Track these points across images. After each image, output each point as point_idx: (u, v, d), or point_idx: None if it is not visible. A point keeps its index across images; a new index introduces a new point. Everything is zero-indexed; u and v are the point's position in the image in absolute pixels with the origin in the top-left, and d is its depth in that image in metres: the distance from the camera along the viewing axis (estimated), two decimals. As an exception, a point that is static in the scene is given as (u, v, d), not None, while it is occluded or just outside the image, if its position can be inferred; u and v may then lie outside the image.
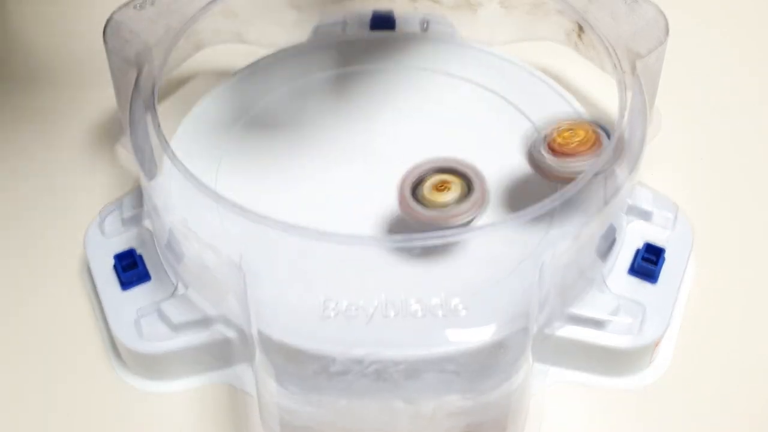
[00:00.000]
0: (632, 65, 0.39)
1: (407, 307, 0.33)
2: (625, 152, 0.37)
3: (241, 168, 0.41)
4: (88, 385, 0.38)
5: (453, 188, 0.35)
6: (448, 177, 0.35)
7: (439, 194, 0.35)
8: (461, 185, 0.35)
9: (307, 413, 0.33)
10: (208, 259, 0.35)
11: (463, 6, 0.47)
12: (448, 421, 0.33)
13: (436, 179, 0.35)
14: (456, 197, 0.35)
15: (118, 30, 0.41)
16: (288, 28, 0.48)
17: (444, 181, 0.35)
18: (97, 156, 0.46)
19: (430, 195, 0.35)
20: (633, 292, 0.38)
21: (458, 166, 0.35)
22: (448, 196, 0.34)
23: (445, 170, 0.35)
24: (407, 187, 0.35)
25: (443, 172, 0.35)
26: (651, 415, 0.37)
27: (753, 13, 0.54)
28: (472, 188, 0.35)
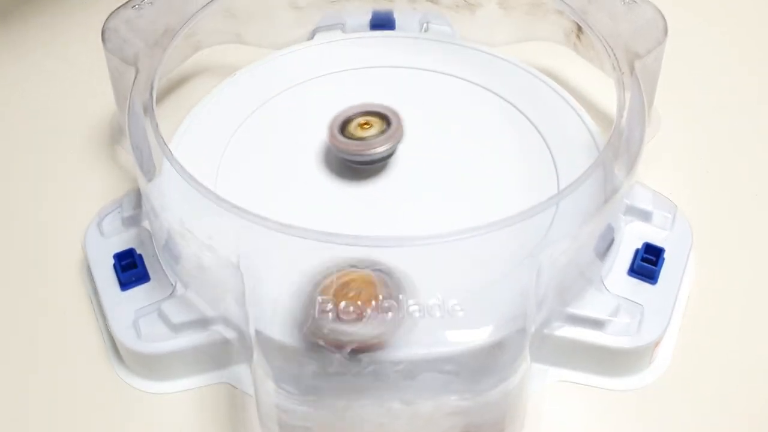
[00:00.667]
0: (631, 65, 0.39)
1: (405, 307, 0.33)
2: (623, 152, 0.37)
3: (240, 168, 0.41)
4: (88, 384, 0.38)
5: (374, 126, 0.41)
6: (370, 118, 0.41)
7: (362, 130, 0.40)
8: (381, 124, 0.41)
9: (304, 413, 0.33)
10: (206, 259, 0.35)
11: (462, 6, 0.47)
12: (447, 422, 0.33)
13: (360, 119, 0.41)
14: (376, 133, 0.40)
15: (116, 30, 0.41)
16: (288, 28, 0.48)
17: (367, 121, 0.41)
18: (97, 156, 0.46)
19: (355, 131, 0.40)
20: (632, 293, 0.38)
21: (380, 109, 0.41)
22: (369, 132, 0.40)
23: (369, 113, 0.41)
24: (336, 124, 0.41)
25: (367, 114, 0.41)
26: (651, 416, 0.37)
27: (752, 12, 0.54)
28: (390, 125, 0.40)
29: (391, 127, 0.40)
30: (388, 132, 0.40)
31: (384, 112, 0.41)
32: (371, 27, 0.48)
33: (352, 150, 0.40)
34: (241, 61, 0.46)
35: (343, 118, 0.41)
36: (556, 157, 0.41)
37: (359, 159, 0.40)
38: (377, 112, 0.41)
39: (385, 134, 0.40)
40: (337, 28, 0.48)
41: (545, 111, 0.43)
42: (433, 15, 0.48)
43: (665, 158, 0.45)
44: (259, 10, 0.47)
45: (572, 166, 0.40)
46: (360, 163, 0.41)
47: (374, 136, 0.40)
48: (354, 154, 0.40)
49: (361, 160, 0.40)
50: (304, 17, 0.48)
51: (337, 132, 0.40)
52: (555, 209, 0.37)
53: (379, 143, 0.40)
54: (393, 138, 0.40)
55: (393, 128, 0.40)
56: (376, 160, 0.41)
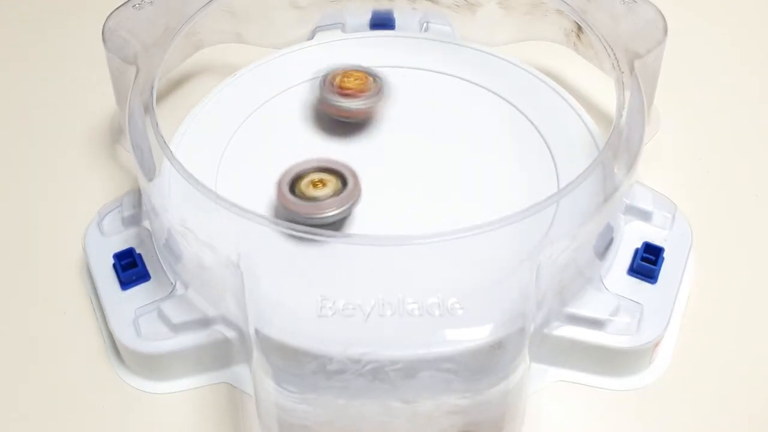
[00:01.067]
0: (630, 65, 0.39)
1: (404, 306, 0.33)
2: (623, 151, 0.37)
3: (240, 168, 0.41)
4: (88, 384, 0.38)
5: (328, 185, 0.38)
6: (324, 175, 0.38)
7: (314, 189, 0.38)
8: (336, 182, 0.38)
9: (304, 412, 0.33)
10: (207, 258, 0.35)
11: (462, 6, 0.47)
12: (446, 420, 0.33)
13: (313, 177, 0.38)
14: (330, 193, 0.37)
15: (117, 30, 0.41)
16: (288, 27, 0.48)
17: (321, 179, 0.38)
18: (97, 155, 0.46)
19: (306, 189, 0.38)
20: (632, 292, 0.38)
21: (334, 166, 0.39)
22: (322, 192, 0.37)
23: (322, 169, 0.38)
24: (285, 182, 0.38)
25: (321, 171, 0.38)
26: (651, 416, 0.37)
27: (752, 12, 0.54)
28: (346, 185, 0.38)
29: (347, 188, 0.38)
30: (343, 194, 0.38)
31: (337, 168, 0.39)
32: (371, 27, 0.48)
33: (302, 211, 0.37)
34: (241, 61, 0.46)
35: (293, 174, 0.38)
36: (556, 156, 0.41)
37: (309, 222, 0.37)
38: (330, 168, 0.39)
39: (340, 196, 0.38)
40: (337, 28, 0.48)
41: (545, 111, 0.43)
42: (433, 15, 0.48)
43: (665, 158, 0.45)
44: (259, 10, 0.47)
45: (572, 165, 0.40)
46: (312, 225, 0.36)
47: (327, 197, 0.37)
48: (304, 216, 0.37)
49: (312, 223, 0.37)
50: (304, 17, 0.48)
51: (287, 189, 0.38)
52: (555, 208, 0.37)
53: (331, 205, 0.37)
54: (347, 199, 0.38)
55: (348, 189, 0.38)
56: (327, 224, 0.37)
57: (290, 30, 0.48)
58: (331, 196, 0.37)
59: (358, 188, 0.38)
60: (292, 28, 0.48)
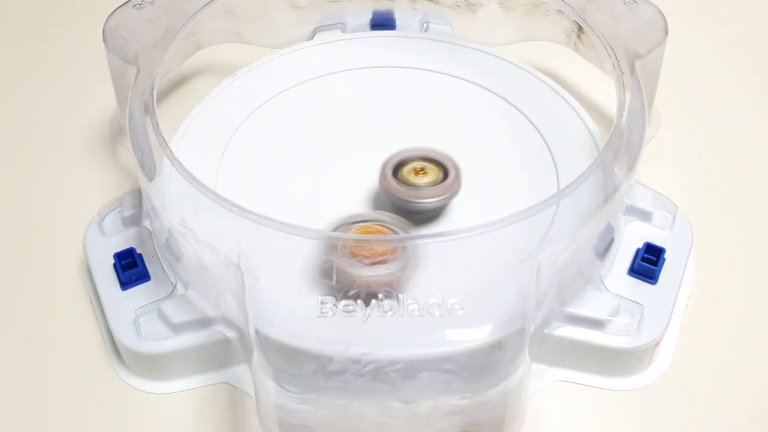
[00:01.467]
0: (631, 65, 0.39)
1: (404, 306, 0.33)
2: (623, 152, 0.37)
3: (240, 168, 0.41)
4: (88, 384, 0.38)
5: (429, 174, 0.39)
6: (427, 164, 0.39)
7: (416, 177, 0.38)
8: (437, 172, 0.39)
9: (304, 412, 0.33)
10: (207, 258, 0.35)
11: (462, 6, 0.47)
12: (446, 421, 0.33)
13: (416, 164, 0.39)
14: (430, 182, 0.38)
15: (117, 30, 0.41)
16: (288, 27, 0.48)
17: (423, 167, 0.39)
18: (98, 155, 0.46)
19: (408, 176, 0.39)
20: (632, 293, 0.38)
21: (438, 156, 0.39)
22: (424, 180, 0.38)
23: (426, 158, 0.39)
24: (390, 166, 0.39)
25: (425, 159, 0.39)
26: (651, 416, 0.37)
27: (752, 12, 0.54)
28: (448, 176, 0.39)
29: (448, 179, 0.39)
30: (443, 184, 0.38)
31: (441, 159, 0.39)
32: (371, 27, 0.48)
33: (403, 194, 0.38)
34: (241, 61, 0.46)
35: (398, 159, 0.39)
36: (556, 157, 0.41)
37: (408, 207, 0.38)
38: (434, 158, 0.39)
39: (441, 186, 0.38)
40: (337, 28, 0.48)
41: (545, 111, 0.43)
42: (433, 15, 0.48)
43: (665, 158, 0.45)
44: (259, 10, 0.47)
45: (572, 165, 0.40)
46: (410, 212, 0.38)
47: (428, 185, 0.38)
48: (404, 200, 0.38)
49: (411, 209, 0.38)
50: (304, 17, 0.48)
51: (390, 173, 0.39)
52: (555, 209, 0.37)
53: (430, 194, 0.38)
54: (446, 191, 0.38)
55: (448, 181, 0.38)
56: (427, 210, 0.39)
57: (290, 30, 0.48)
58: (431, 185, 0.38)
59: (458, 181, 0.39)
60: (292, 28, 0.48)
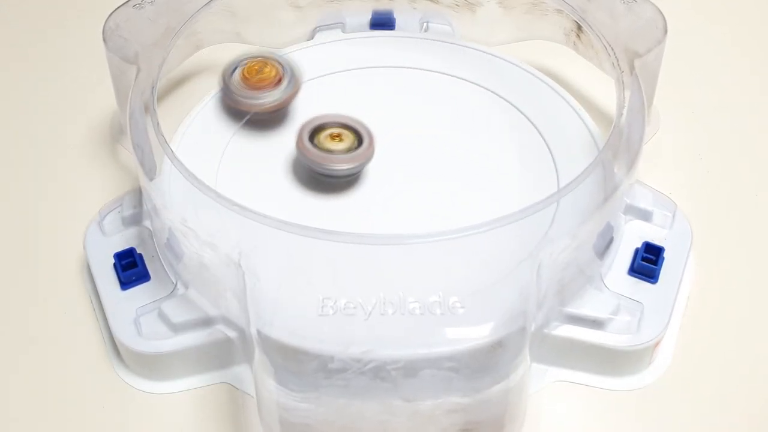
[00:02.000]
0: (630, 64, 0.39)
1: (405, 305, 0.33)
2: (623, 151, 0.37)
3: (241, 167, 0.41)
4: (88, 384, 0.38)
5: (345, 140, 0.40)
6: (342, 130, 0.40)
7: (331, 142, 0.40)
8: (353, 139, 0.40)
9: (305, 411, 0.33)
10: (208, 257, 0.35)
11: (462, 6, 0.47)
12: (447, 419, 0.33)
13: (333, 130, 0.40)
14: (345, 148, 0.40)
15: (117, 29, 0.41)
16: (288, 28, 0.48)
17: (339, 133, 0.40)
18: (98, 155, 0.46)
19: (325, 141, 0.40)
20: (632, 292, 0.38)
21: (352, 123, 0.41)
22: (339, 146, 0.40)
23: (341, 125, 0.40)
24: (306, 131, 0.40)
25: (340, 126, 0.40)
26: (650, 415, 0.37)
27: (752, 12, 0.54)
28: (362, 143, 0.40)
29: (362, 146, 0.40)
30: (357, 151, 0.40)
31: (355, 126, 0.40)
32: (371, 27, 0.48)
33: (319, 159, 0.39)
34: (241, 61, 0.46)
35: (314, 124, 0.40)
36: (555, 156, 0.41)
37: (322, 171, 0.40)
38: (348, 125, 0.41)
39: (353, 152, 0.40)
40: (337, 28, 0.48)
41: (545, 110, 0.43)
42: (433, 14, 0.48)
43: (665, 157, 0.45)
44: (259, 10, 0.47)
45: (572, 165, 0.40)
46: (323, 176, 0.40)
47: (342, 152, 0.40)
48: (319, 165, 0.40)
49: (324, 173, 0.40)
50: (304, 17, 0.48)
51: (307, 138, 0.40)
52: (555, 208, 0.37)
53: (344, 159, 0.39)
54: (359, 157, 0.40)
55: (362, 148, 0.40)
56: (339, 176, 0.40)
57: (290, 30, 0.48)
58: (346, 152, 0.40)
59: (371, 148, 0.40)
60: (292, 28, 0.48)
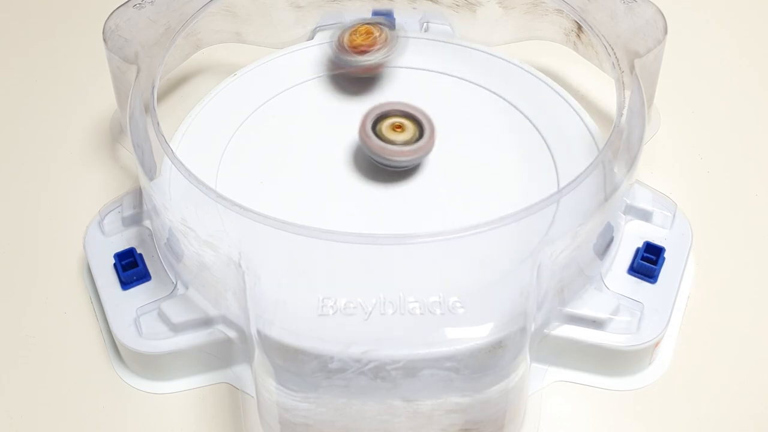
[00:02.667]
0: (631, 64, 0.39)
1: (405, 305, 0.33)
2: (623, 151, 0.37)
3: (241, 168, 0.41)
4: (88, 384, 0.38)
5: (406, 131, 0.40)
6: (405, 120, 0.41)
7: (393, 133, 0.40)
8: (414, 130, 0.40)
9: (306, 411, 0.33)
10: (208, 257, 0.35)
11: (462, 6, 0.47)
12: (447, 419, 0.33)
13: (395, 120, 0.40)
14: (407, 139, 0.40)
15: (117, 29, 0.41)
16: (288, 28, 0.48)
17: (401, 123, 0.40)
18: (98, 155, 0.46)
19: (387, 132, 0.40)
20: (632, 292, 0.38)
21: (416, 114, 0.41)
22: (400, 137, 0.40)
23: (405, 114, 0.41)
24: (369, 119, 0.40)
25: (403, 115, 0.41)
26: (650, 415, 0.37)
27: (752, 12, 0.54)
28: (423, 135, 0.40)
29: (423, 137, 0.40)
30: (419, 143, 0.40)
31: (418, 116, 0.41)
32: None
33: (380, 149, 0.40)
34: (241, 61, 0.46)
35: (377, 112, 0.41)
36: (555, 156, 0.41)
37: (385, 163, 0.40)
38: (412, 114, 0.41)
39: (416, 144, 0.40)
40: (337, 28, 0.48)
41: (545, 110, 0.43)
42: (433, 15, 0.48)
43: (665, 157, 0.45)
44: (259, 10, 0.47)
45: (572, 165, 0.40)
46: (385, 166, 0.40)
47: (404, 143, 0.40)
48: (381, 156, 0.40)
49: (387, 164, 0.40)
50: (304, 17, 0.48)
51: (370, 127, 0.40)
52: (555, 208, 0.37)
53: (406, 151, 0.40)
54: (421, 150, 0.40)
55: (423, 140, 0.40)
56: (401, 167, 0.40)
57: (290, 30, 0.48)
58: (406, 143, 0.40)
59: (432, 139, 0.40)
60: (292, 28, 0.48)
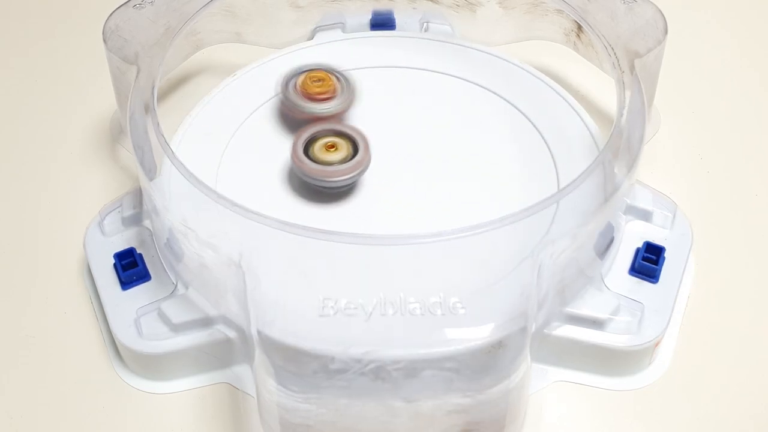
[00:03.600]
0: (631, 64, 0.39)
1: (406, 305, 0.33)
2: (623, 151, 0.37)
3: (241, 167, 0.41)
4: (88, 384, 0.38)
5: (340, 149, 0.40)
6: (337, 139, 0.40)
7: (327, 153, 0.39)
8: (347, 148, 0.40)
9: (306, 412, 0.33)
10: (208, 258, 0.35)
11: (462, 6, 0.47)
12: (448, 420, 0.33)
13: (326, 140, 0.40)
14: (341, 158, 0.39)
15: (117, 29, 0.41)
16: (288, 28, 0.48)
17: (333, 142, 0.40)
18: (98, 155, 0.46)
19: (320, 153, 0.39)
20: (632, 292, 0.38)
21: (347, 130, 0.40)
22: (335, 156, 0.39)
23: (336, 133, 0.40)
24: (300, 143, 0.40)
25: (334, 134, 0.40)
26: (650, 415, 0.37)
27: (752, 12, 0.54)
28: (357, 151, 0.40)
29: (357, 154, 0.40)
30: (354, 160, 0.39)
31: (350, 133, 0.40)
32: (371, 27, 0.48)
33: (316, 173, 0.39)
34: (241, 61, 0.46)
35: (307, 135, 0.40)
36: (555, 156, 0.41)
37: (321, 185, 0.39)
38: (343, 132, 0.40)
39: (351, 162, 0.39)
40: (337, 28, 0.48)
41: (545, 111, 0.43)
42: (433, 15, 0.48)
43: (665, 157, 0.45)
44: (259, 10, 0.47)
45: (572, 165, 0.40)
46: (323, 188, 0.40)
47: (340, 162, 0.39)
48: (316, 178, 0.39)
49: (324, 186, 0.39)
50: (304, 17, 0.48)
51: (301, 151, 0.40)
52: (555, 208, 0.37)
53: (342, 170, 0.39)
54: (357, 167, 0.39)
55: (358, 156, 0.39)
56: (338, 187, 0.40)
57: (290, 30, 0.48)
58: (341, 162, 0.39)
59: (368, 155, 0.39)
60: (292, 28, 0.48)
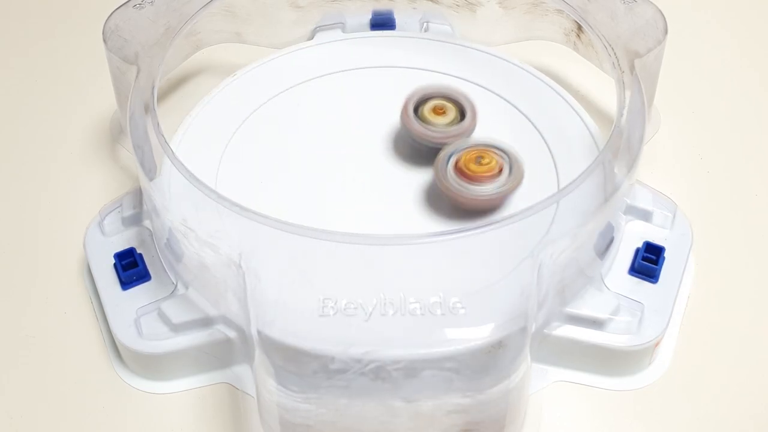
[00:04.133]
0: (631, 64, 0.39)
1: (406, 305, 0.33)
2: (623, 151, 0.37)
3: (241, 168, 0.41)
4: (88, 384, 0.38)
5: (448, 113, 0.41)
6: (446, 103, 0.41)
7: (435, 116, 0.41)
8: (456, 113, 0.41)
9: (306, 411, 0.33)
10: (208, 258, 0.35)
11: (462, 6, 0.47)
12: (448, 420, 0.33)
13: (436, 102, 0.41)
14: (448, 122, 0.41)
15: (117, 29, 0.41)
16: (288, 28, 0.48)
17: (442, 105, 0.41)
18: (98, 155, 0.46)
19: (428, 115, 0.41)
20: (632, 292, 0.38)
21: (458, 96, 0.41)
22: (442, 119, 0.41)
23: (446, 97, 0.41)
24: (411, 103, 0.41)
25: (444, 98, 0.41)
26: (650, 415, 0.37)
27: (752, 12, 0.54)
28: (465, 117, 0.41)
29: (464, 120, 0.41)
30: (461, 125, 0.40)
31: (460, 99, 0.41)
32: (371, 27, 0.48)
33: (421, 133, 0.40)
34: (241, 61, 0.46)
35: (419, 95, 0.41)
36: (555, 156, 0.41)
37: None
38: (453, 97, 0.41)
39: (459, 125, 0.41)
40: (337, 28, 0.48)
41: (545, 110, 0.43)
42: (433, 15, 0.48)
43: (665, 157, 0.45)
44: (259, 10, 0.47)
45: (572, 165, 0.40)
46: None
47: (446, 125, 0.41)
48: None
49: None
50: (304, 17, 0.48)
51: (411, 111, 0.41)
52: (555, 208, 0.37)
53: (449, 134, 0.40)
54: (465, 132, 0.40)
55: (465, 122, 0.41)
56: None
57: (290, 30, 0.48)
58: (447, 125, 0.41)
59: (474, 122, 0.41)
60: (292, 28, 0.48)
